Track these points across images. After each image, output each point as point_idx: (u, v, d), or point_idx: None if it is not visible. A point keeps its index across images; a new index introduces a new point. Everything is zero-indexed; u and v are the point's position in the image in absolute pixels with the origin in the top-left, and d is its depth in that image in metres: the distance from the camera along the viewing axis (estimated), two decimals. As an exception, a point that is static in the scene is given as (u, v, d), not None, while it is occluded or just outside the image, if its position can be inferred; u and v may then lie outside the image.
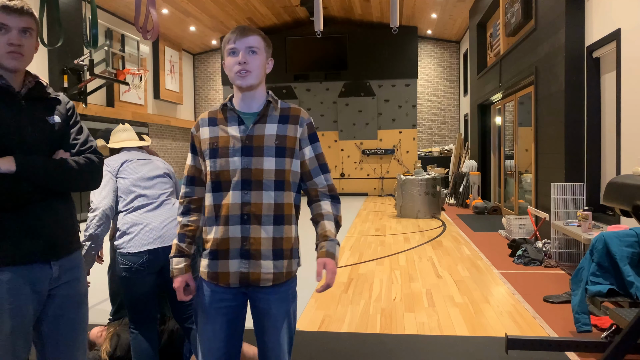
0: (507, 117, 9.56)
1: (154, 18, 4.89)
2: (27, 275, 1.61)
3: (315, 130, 1.83)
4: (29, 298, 1.62)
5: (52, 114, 1.72)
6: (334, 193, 1.82)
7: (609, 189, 2.77)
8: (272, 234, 1.70)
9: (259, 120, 1.73)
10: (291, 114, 1.78)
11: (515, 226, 6.66)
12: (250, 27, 1.73)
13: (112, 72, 9.48)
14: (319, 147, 1.83)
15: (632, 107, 4.53)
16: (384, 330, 3.49)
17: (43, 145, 1.66)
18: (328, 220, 1.77)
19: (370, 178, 14.78)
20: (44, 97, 1.73)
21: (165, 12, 11.83)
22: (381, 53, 14.37)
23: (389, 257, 6.01)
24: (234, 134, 1.72)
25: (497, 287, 4.57)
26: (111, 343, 2.76)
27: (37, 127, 1.66)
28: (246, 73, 1.69)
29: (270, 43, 1.80)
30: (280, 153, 1.72)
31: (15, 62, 1.61)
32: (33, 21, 1.66)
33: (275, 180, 1.71)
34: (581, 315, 3.02)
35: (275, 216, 1.71)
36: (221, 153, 1.72)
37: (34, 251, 1.62)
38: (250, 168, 1.69)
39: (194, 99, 16.00)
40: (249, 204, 1.69)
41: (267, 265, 1.69)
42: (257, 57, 1.71)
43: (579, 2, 5.61)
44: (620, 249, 2.90)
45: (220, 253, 1.71)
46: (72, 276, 1.75)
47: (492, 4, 9.68)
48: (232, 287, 1.72)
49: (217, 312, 1.73)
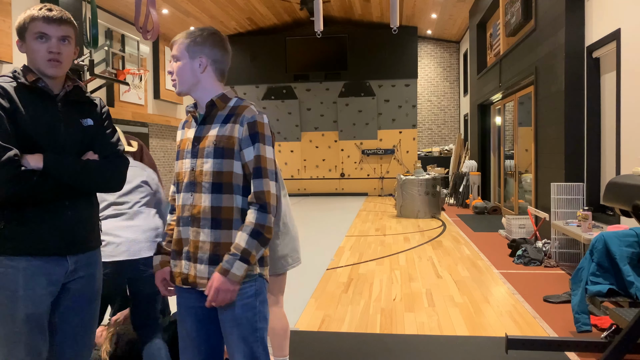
0: (507, 117, 9.56)
1: (154, 18, 4.89)
2: (43, 266, 1.68)
3: (260, 129, 1.66)
4: (44, 288, 1.68)
5: (87, 116, 1.81)
6: (261, 201, 1.63)
7: (609, 189, 2.77)
8: (209, 238, 1.66)
9: (204, 121, 1.74)
10: (236, 113, 1.69)
11: (515, 226, 6.66)
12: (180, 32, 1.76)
13: (112, 72, 9.47)
14: (260, 148, 1.65)
15: (632, 107, 4.53)
16: (384, 330, 3.49)
17: (74, 146, 1.75)
18: (242, 232, 1.61)
19: (370, 178, 14.78)
20: (80, 100, 1.82)
21: (165, 12, 11.83)
22: (381, 53, 14.37)
23: (389, 257, 6.01)
24: (190, 136, 1.77)
25: (497, 287, 4.57)
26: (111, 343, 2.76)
27: (71, 129, 1.75)
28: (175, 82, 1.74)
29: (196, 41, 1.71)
30: (219, 154, 1.66)
31: (54, 69, 1.70)
32: (72, 29, 1.74)
33: (213, 183, 1.66)
34: (581, 315, 3.02)
35: (212, 220, 1.66)
36: (180, 155, 1.79)
37: (52, 244, 1.69)
38: (195, 170, 1.70)
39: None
40: (193, 205, 1.70)
41: (202, 270, 1.67)
42: (179, 64, 1.72)
43: (579, 2, 5.61)
44: (620, 249, 2.90)
45: (176, 254, 1.76)
46: (87, 272, 1.81)
47: (492, 4, 9.68)
48: (192, 288, 1.72)
49: (186, 312, 1.76)
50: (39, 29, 1.67)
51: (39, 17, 1.67)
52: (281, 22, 14.26)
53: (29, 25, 1.67)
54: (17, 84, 1.68)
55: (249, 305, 1.68)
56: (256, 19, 13.71)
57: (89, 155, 1.78)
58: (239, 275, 1.59)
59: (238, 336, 1.67)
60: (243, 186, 1.68)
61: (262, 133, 1.67)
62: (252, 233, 1.60)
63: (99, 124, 1.84)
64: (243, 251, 1.59)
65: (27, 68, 1.72)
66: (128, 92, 11.26)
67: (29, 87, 1.69)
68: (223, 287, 1.59)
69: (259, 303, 1.70)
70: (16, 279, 1.64)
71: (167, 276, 1.82)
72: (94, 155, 1.79)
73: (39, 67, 1.69)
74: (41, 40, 1.67)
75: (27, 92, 1.68)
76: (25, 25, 1.68)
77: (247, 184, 1.68)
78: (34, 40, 1.68)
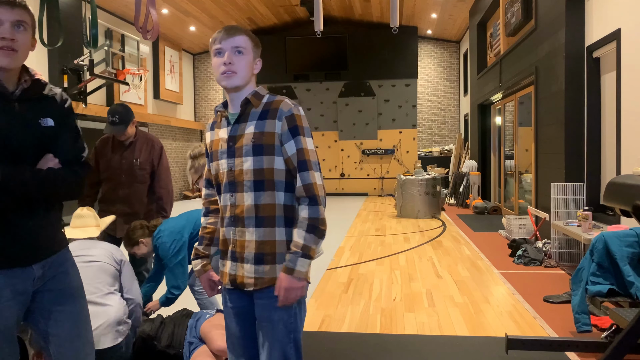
0: (507, 117, 9.56)
1: (154, 18, 4.89)
2: (6, 278, 1.57)
3: (299, 122, 1.66)
4: (9, 300, 1.58)
5: (46, 115, 1.64)
6: (310, 194, 1.63)
7: (609, 189, 2.77)
8: (254, 237, 1.66)
9: (239, 120, 1.70)
10: (271, 108, 1.67)
11: (515, 226, 6.65)
12: (237, 26, 1.69)
13: (112, 72, 9.47)
14: (302, 141, 1.65)
15: (632, 107, 4.53)
16: (384, 330, 3.49)
17: (30, 150, 1.59)
18: (299, 229, 1.62)
19: (370, 178, 14.78)
20: (40, 97, 1.64)
21: (165, 12, 11.83)
22: (381, 53, 14.37)
23: (389, 257, 6.00)
24: (223, 136, 1.73)
25: (497, 287, 4.56)
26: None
27: (28, 131, 1.58)
28: (231, 74, 1.65)
29: (258, 42, 1.74)
30: (258, 151, 1.64)
31: (7, 59, 1.52)
32: (27, 15, 1.57)
33: (254, 181, 1.65)
34: (581, 315, 3.01)
35: (256, 218, 1.66)
36: (214, 156, 1.75)
37: (13, 256, 1.58)
38: (234, 169, 1.68)
39: (193, 99, 16.00)
40: (235, 205, 1.68)
41: (249, 269, 1.68)
42: (243, 58, 1.66)
43: (579, 2, 5.61)
44: (620, 249, 2.90)
45: (222, 253, 1.77)
46: (57, 271, 1.71)
47: (492, 4, 9.68)
48: (234, 288, 1.74)
49: (230, 310, 1.78)
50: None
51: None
52: (281, 22, 14.26)
53: None
54: None
55: (285, 307, 1.67)
56: (256, 19, 13.71)
57: (49, 160, 1.62)
58: (303, 271, 1.61)
59: (272, 337, 1.67)
60: (285, 182, 1.67)
61: (301, 125, 1.66)
62: (307, 228, 1.61)
63: (59, 124, 1.66)
64: (303, 247, 1.60)
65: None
66: (128, 92, 11.26)
67: None
68: (291, 286, 1.60)
69: (297, 305, 1.70)
70: None
71: (212, 277, 1.84)
72: (53, 160, 1.63)
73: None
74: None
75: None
76: None
77: (289, 179, 1.67)
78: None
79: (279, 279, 1.62)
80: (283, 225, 1.67)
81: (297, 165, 1.64)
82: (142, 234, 3.15)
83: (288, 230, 1.68)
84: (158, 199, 3.51)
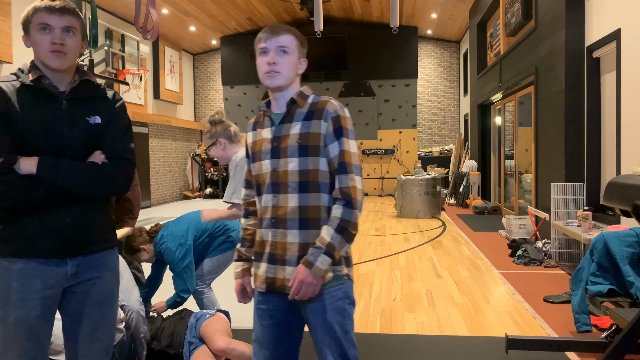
0: (507, 117, 9.56)
1: (154, 18, 4.89)
2: (39, 269, 1.64)
3: (344, 123, 1.64)
4: (38, 292, 1.64)
5: (95, 113, 1.73)
6: (347, 197, 1.60)
7: (609, 189, 2.77)
8: (298, 239, 1.63)
9: (284, 120, 1.67)
10: (317, 109, 1.65)
11: (515, 226, 6.65)
12: (283, 25, 1.67)
13: (112, 72, 9.47)
14: (345, 143, 1.63)
15: (632, 107, 4.53)
16: (384, 330, 3.49)
17: (77, 146, 1.68)
18: (328, 227, 1.60)
19: (370, 178, 14.78)
20: (90, 96, 1.74)
21: (165, 12, 11.83)
22: (381, 53, 14.37)
23: (389, 257, 6.00)
24: (266, 136, 1.70)
25: (497, 287, 4.56)
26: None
27: (75, 128, 1.68)
28: (274, 74, 1.62)
29: (305, 42, 1.71)
30: (303, 152, 1.62)
31: (58, 60, 1.63)
32: (76, 20, 1.68)
33: (299, 182, 1.62)
34: (581, 315, 3.01)
35: (300, 220, 1.63)
36: (257, 156, 1.72)
37: (48, 247, 1.65)
38: (278, 170, 1.65)
39: (194, 99, 16.00)
40: (277, 207, 1.65)
41: (291, 272, 1.63)
42: (287, 57, 1.64)
43: (579, 2, 5.61)
44: (620, 249, 2.90)
45: (258, 255, 1.72)
46: (94, 275, 1.75)
47: (492, 4, 9.68)
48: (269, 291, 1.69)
49: (262, 313, 1.72)
50: (41, 20, 1.62)
51: (41, 8, 1.62)
52: (281, 22, 14.25)
53: (32, 18, 1.63)
54: (20, 83, 1.64)
55: (338, 308, 1.65)
56: (256, 19, 13.71)
57: (96, 156, 1.71)
58: (322, 269, 1.57)
59: (330, 340, 1.64)
60: (329, 184, 1.65)
61: (346, 127, 1.64)
62: (337, 228, 1.58)
63: (108, 121, 1.75)
64: (328, 245, 1.57)
65: (33, 64, 1.68)
66: (128, 92, 11.26)
67: (31, 86, 1.65)
68: (307, 280, 1.57)
69: (348, 305, 1.68)
70: (9, 281, 1.62)
71: (247, 286, 1.79)
72: (100, 156, 1.71)
73: (43, 59, 1.64)
74: (44, 32, 1.63)
75: (29, 91, 1.64)
76: (29, 17, 1.64)
77: (333, 181, 1.65)
78: (37, 33, 1.63)
79: (296, 270, 1.59)
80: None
81: (338, 167, 1.62)
82: (142, 241, 3.11)
83: None
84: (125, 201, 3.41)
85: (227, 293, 4.22)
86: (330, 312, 1.64)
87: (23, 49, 7.91)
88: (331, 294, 1.64)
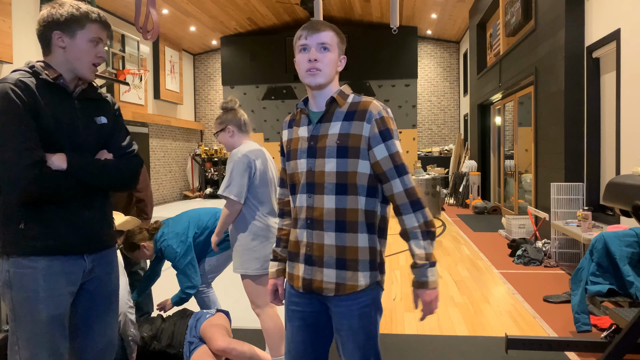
0: (507, 117, 9.56)
1: (154, 18, 4.89)
2: (62, 265, 1.68)
3: (390, 125, 1.59)
4: (64, 288, 1.68)
5: (101, 114, 1.81)
6: (415, 197, 1.57)
7: (609, 189, 2.78)
8: (334, 242, 1.59)
9: (322, 119, 1.62)
10: (358, 109, 1.59)
11: (515, 226, 6.66)
12: (323, 21, 1.63)
13: (112, 72, 9.47)
14: (394, 145, 1.58)
15: (632, 107, 4.53)
16: (384, 330, 3.49)
17: (91, 144, 1.76)
18: (413, 240, 1.57)
19: (370, 178, 14.77)
20: (94, 98, 1.81)
21: (165, 12, 11.83)
22: (381, 53, 14.37)
23: (389, 257, 6.01)
24: (303, 134, 1.66)
25: (497, 287, 4.57)
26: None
27: (88, 127, 1.75)
28: (316, 71, 1.58)
29: (344, 38, 1.66)
30: (342, 153, 1.57)
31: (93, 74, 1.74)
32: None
33: (336, 184, 1.58)
34: (581, 315, 3.02)
35: (337, 222, 1.59)
36: (292, 155, 1.67)
37: (71, 243, 1.69)
38: (314, 170, 1.61)
39: (194, 99, 16.00)
40: (312, 208, 1.61)
41: (329, 274, 1.60)
42: (328, 54, 1.59)
43: (579, 2, 5.61)
44: (620, 249, 2.91)
45: (293, 255, 1.69)
46: (104, 271, 1.81)
47: (492, 4, 9.69)
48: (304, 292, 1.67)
49: (292, 314, 1.70)
50: (96, 33, 1.70)
51: (96, 21, 1.70)
52: (281, 22, 14.26)
53: (87, 25, 1.68)
54: (37, 80, 1.65)
55: (365, 314, 1.63)
56: (256, 19, 13.71)
57: (104, 154, 1.78)
58: (435, 279, 1.59)
59: (354, 345, 1.63)
60: (367, 186, 1.60)
61: (392, 128, 1.59)
62: (423, 236, 1.57)
63: (113, 122, 1.84)
64: (427, 257, 1.57)
65: (47, 65, 1.70)
66: (128, 92, 11.26)
67: (49, 84, 1.67)
68: (431, 298, 1.59)
69: (374, 311, 1.66)
70: (36, 279, 1.63)
71: (280, 287, 1.79)
72: (108, 154, 1.79)
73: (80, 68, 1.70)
74: (93, 44, 1.70)
75: (46, 88, 1.66)
76: (82, 23, 1.68)
77: (371, 183, 1.60)
78: (87, 42, 1.69)
79: (415, 296, 1.61)
80: (365, 232, 1.61)
81: (394, 169, 1.57)
82: (142, 238, 3.10)
83: (370, 237, 1.62)
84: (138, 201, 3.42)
85: (227, 293, 4.22)
86: (356, 318, 1.62)
87: (23, 49, 7.92)
88: (359, 299, 1.62)
